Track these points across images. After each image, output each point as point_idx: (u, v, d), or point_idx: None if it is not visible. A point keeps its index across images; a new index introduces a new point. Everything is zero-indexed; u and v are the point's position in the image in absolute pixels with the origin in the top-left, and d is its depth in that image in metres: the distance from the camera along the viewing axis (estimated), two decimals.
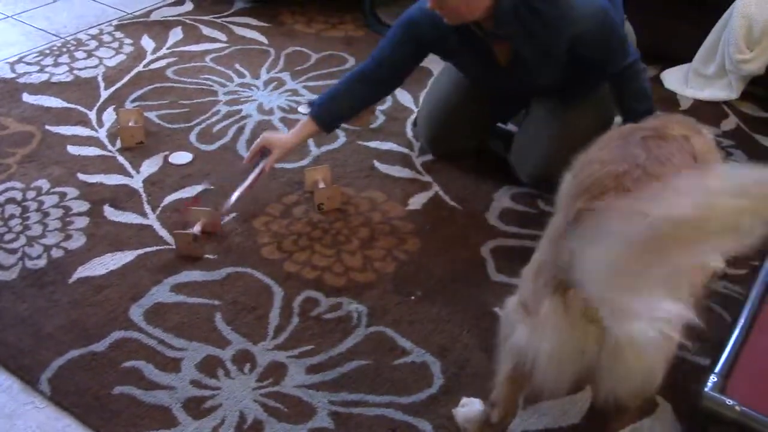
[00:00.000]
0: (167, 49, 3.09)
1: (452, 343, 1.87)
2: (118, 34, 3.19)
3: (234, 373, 1.76)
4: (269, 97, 2.81)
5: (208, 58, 3.04)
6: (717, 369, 1.66)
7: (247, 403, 1.69)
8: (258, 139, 2.27)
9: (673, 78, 3.06)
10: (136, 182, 2.35)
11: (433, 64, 3.05)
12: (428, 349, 1.84)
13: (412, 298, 1.99)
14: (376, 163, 2.48)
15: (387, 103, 2.79)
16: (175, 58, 3.02)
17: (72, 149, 2.49)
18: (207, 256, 2.08)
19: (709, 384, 1.61)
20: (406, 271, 2.07)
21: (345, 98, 2.24)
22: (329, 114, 2.23)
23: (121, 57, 3.03)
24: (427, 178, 2.43)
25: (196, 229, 2.09)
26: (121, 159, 2.45)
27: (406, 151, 2.55)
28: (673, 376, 1.78)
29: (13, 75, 2.88)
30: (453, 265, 2.10)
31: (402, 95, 2.84)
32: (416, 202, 2.32)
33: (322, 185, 2.27)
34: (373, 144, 2.57)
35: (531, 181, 2.36)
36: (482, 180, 2.42)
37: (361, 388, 1.74)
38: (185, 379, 1.74)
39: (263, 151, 2.25)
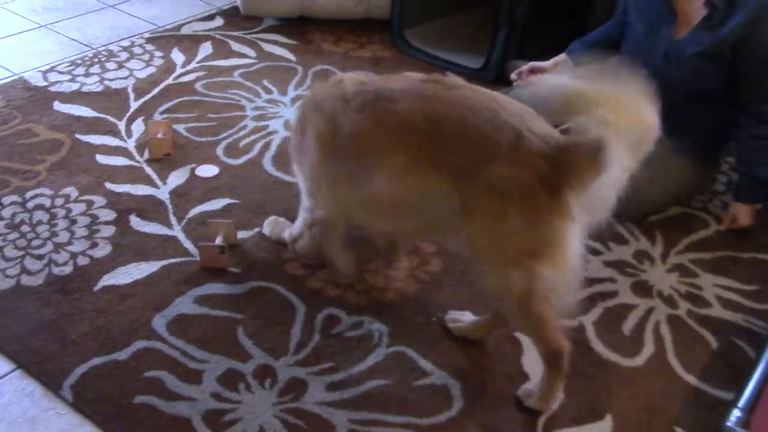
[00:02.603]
0: (197, 63, 3.13)
1: (473, 366, 1.87)
2: (149, 47, 3.24)
3: (255, 387, 1.77)
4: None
5: (236, 74, 3.07)
6: (740, 404, 1.65)
7: (267, 418, 1.70)
8: (524, 66, 2.65)
9: None
10: (163, 193, 2.38)
11: None
12: (448, 371, 1.84)
13: (434, 319, 1.99)
14: None
15: None
16: (204, 72, 3.06)
17: (100, 158, 2.52)
18: (231, 269, 2.10)
19: (732, 419, 1.61)
20: (428, 292, 2.08)
21: (594, 46, 2.57)
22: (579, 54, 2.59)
23: (152, 69, 3.07)
24: None
25: (218, 240, 2.11)
26: (148, 170, 2.48)
27: None
28: (693, 410, 1.78)
29: (46, 83, 2.93)
30: (475, 287, 2.10)
31: None
32: None
33: None
34: None
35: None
36: None
37: (380, 407, 1.74)
38: (206, 392, 1.75)
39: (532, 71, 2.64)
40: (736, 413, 1.63)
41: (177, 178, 2.45)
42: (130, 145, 2.61)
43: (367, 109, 1.73)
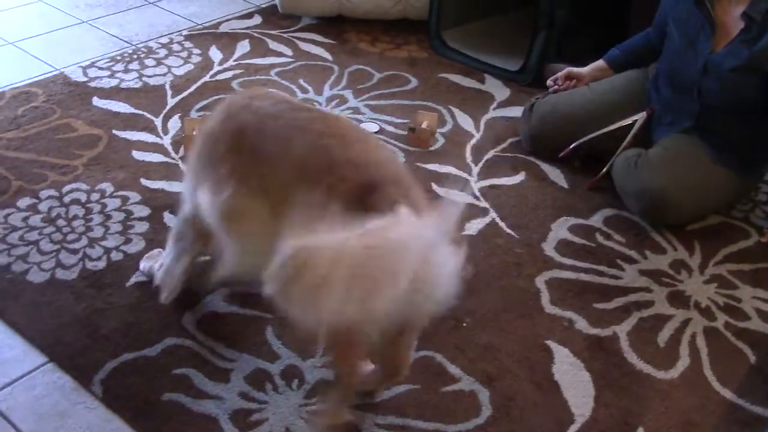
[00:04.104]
0: (234, 61, 3.15)
1: (502, 373, 1.84)
2: (187, 44, 3.26)
3: (282, 388, 1.77)
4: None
5: (273, 72, 3.08)
6: None
7: (294, 420, 1.69)
8: (560, 72, 2.69)
9: None
10: None
11: (495, 89, 3.05)
12: (477, 378, 1.82)
13: (464, 324, 1.97)
14: (434, 186, 2.47)
15: (447, 126, 2.79)
16: (241, 70, 3.07)
17: (137, 154, 2.54)
18: None
19: None
20: (458, 297, 2.05)
21: (633, 53, 2.61)
22: (618, 60, 2.63)
23: (189, 66, 3.09)
24: (484, 203, 2.41)
25: None
26: (184, 167, 2.49)
27: (464, 175, 2.54)
28: (729, 426, 1.73)
29: (85, 79, 2.97)
30: (506, 293, 2.08)
31: (463, 119, 2.84)
32: (472, 227, 2.31)
33: None
34: (432, 166, 2.57)
35: (635, 210, 2.37)
36: (540, 209, 2.40)
37: (408, 412, 1.73)
38: (234, 391, 1.75)
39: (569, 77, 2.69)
40: None
41: None
42: (166, 141, 2.62)
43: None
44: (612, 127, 2.44)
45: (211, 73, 3.05)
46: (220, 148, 1.63)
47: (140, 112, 2.78)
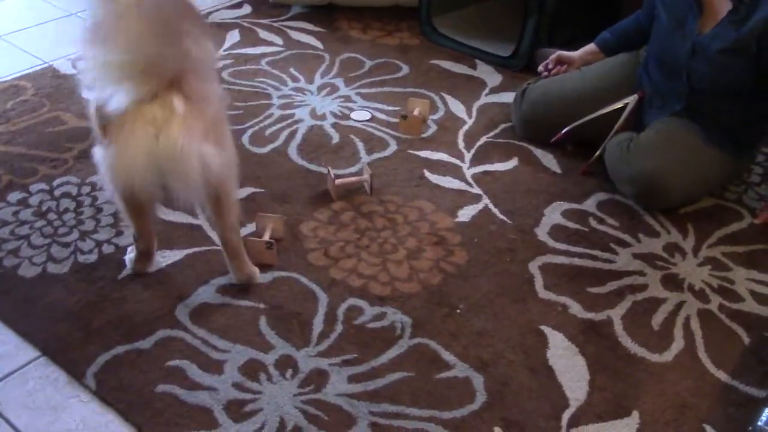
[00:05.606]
0: (224, 51, 3.13)
1: (496, 359, 1.84)
2: None
3: (276, 378, 1.76)
4: (322, 102, 2.82)
5: (263, 62, 3.06)
6: None
7: (288, 409, 1.69)
8: (553, 56, 2.69)
9: None
10: None
11: (487, 75, 3.04)
12: (471, 364, 1.82)
13: (458, 311, 1.97)
14: (426, 173, 2.47)
15: (439, 113, 2.78)
16: (231, 60, 3.06)
17: None
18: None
19: (764, 417, 1.57)
20: (452, 284, 2.05)
21: (624, 36, 2.61)
22: (610, 44, 2.63)
23: None
24: (477, 190, 2.40)
25: (266, 236, 2.10)
26: None
27: (456, 161, 2.53)
28: (723, 407, 1.74)
29: (75, 71, 2.95)
30: (500, 279, 2.07)
31: (455, 105, 2.83)
32: (465, 213, 2.30)
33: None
34: (424, 153, 2.56)
35: (628, 194, 2.37)
36: (533, 195, 2.39)
37: (402, 400, 1.73)
38: (227, 382, 1.75)
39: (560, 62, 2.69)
40: None
41: None
42: None
43: None
44: (603, 111, 2.43)
45: None
46: None
47: None
